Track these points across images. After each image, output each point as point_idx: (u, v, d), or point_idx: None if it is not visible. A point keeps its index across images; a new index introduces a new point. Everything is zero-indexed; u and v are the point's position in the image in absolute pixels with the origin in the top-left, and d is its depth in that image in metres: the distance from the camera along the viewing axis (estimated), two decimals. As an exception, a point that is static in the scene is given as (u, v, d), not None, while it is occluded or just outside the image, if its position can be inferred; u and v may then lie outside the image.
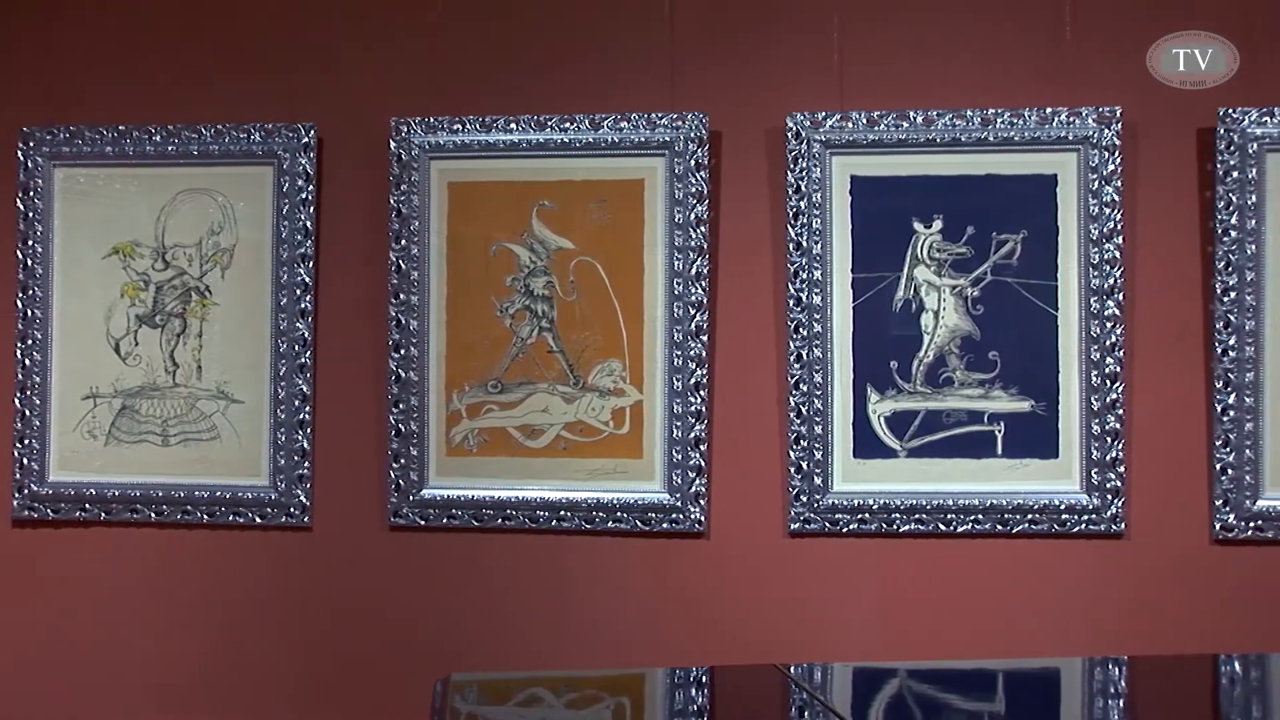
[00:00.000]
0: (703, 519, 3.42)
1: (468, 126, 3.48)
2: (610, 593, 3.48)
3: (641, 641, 3.46)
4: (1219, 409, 3.33)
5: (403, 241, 3.48)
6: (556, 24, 3.52)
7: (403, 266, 3.48)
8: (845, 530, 3.40)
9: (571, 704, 2.67)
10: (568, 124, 3.46)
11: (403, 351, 3.49)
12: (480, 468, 3.49)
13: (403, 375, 3.49)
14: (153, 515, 3.54)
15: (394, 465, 3.49)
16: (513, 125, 3.47)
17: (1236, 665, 2.87)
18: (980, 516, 3.37)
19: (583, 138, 3.45)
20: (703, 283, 3.41)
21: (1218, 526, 3.34)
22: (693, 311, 3.41)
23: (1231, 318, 3.32)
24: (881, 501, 3.39)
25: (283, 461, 3.51)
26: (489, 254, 3.49)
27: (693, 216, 3.41)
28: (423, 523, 3.50)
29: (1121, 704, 2.71)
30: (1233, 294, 3.32)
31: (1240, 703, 2.72)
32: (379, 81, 3.56)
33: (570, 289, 3.47)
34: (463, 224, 3.50)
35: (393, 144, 3.49)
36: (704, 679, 2.80)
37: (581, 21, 3.52)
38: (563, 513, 3.46)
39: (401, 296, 3.49)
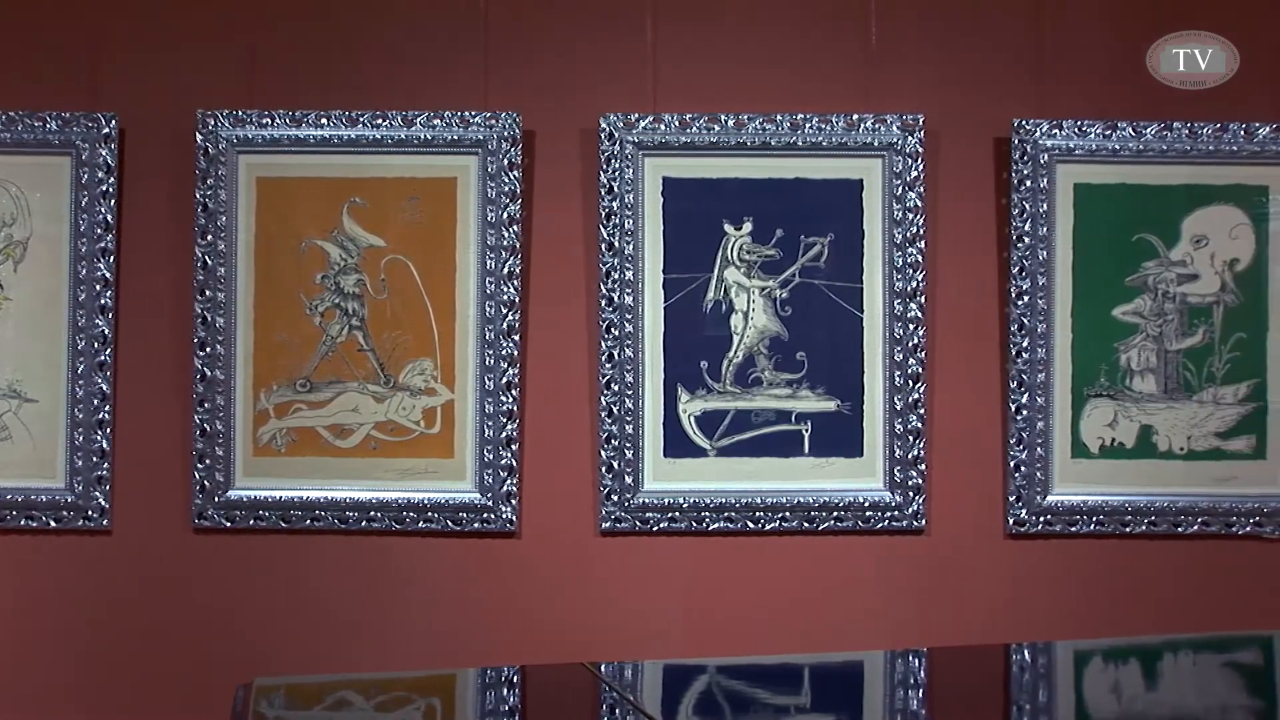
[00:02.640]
0: (514, 518, 3.42)
1: (277, 121, 3.42)
2: (422, 593, 3.46)
3: (453, 642, 3.44)
4: (1013, 408, 3.46)
5: (209, 237, 3.40)
6: (370, 19, 3.48)
7: (209, 262, 3.40)
8: (656, 529, 3.44)
9: (381, 706, 2.65)
10: (380, 120, 3.42)
11: (208, 349, 3.41)
12: (288, 468, 3.43)
13: (208, 374, 3.40)
14: (-61, 519, 3.40)
15: (199, 466, 3.41)
16: (324, 120, 3.42)
17: (1026, 654, 2.99)
18: (788, 514, 3.44)
19: (395, 135, 3.42)
20: (515, 282, 3.41)
21: (1011, 521, 3.47)
22: (505, 311, 3.41)
23: (1025, 320, 3.45)
24: (691, 500, 3.43)
25: (80, 463, 3.39)
26: (299, 251, 3.43)
27: (505, 215, 3.40)
28: (228, 524, 3.42)
29: (921, 694, 2.79)
30: (1026, 298, 3.45)
31: (1029, 688, 2.84)
32: (185, 72, 3.46)
33: (381, 287, 3.43)
34: (272, 220, 3.43)
35: (199, 137, 3.41)
36: (515, 679, 2.80)
37: (396, 18, 3.48)
38: (373, 513, 3.42)
39: (207, 293, 3.40)
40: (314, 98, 3.44)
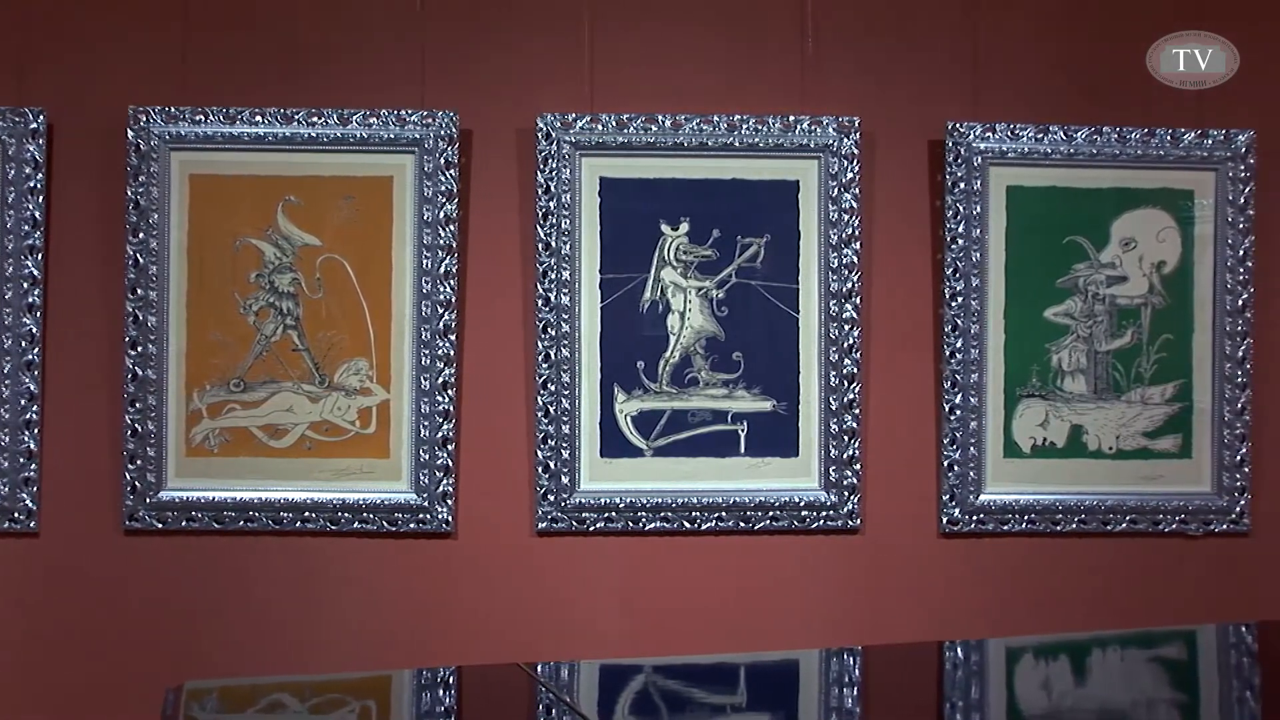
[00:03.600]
0: (450, 519, 3.41)
1: (211, 118, 3.38)
2: (357, 594, 3.43)
3: (389, 643, 3.42)
4: (946, 408, 3.49)
5: (140, 235, 3.36)
6: (306, 16, 3.45)
7: (140, 261, 3.36)
8: (592, 529, 3.44)
9: (316, 709, 2.63)
10: (316, 118, 3.39)
11: (140, 349, 3.36)
12: (222, 468, 3.39)
13: (140, 373, 3.36)
14: None
15: (129, 466, 3.36)
16: (258, 118, 3.39)
17: (960, 651, 3.03)
18: (724, 514, 3.45)
19: (331, 133, 3.39)
20: (451, 281, 3.40)
21: (945, 520, 3.51)
22: (441, 310, 3.39)
23: (958, 321, 3.49)
24: (628, 500, 3.43)
25: (6, 464, 3.34)
26: (233, 249, 3.40)
27: (442, 215, 3.39)
28: (160, 526, 3.38)
29: (856, 692, 2.81)
30: (960, 299, 3.49)
31: (962, 685, 2.87)
32: (117, 67, 3.42)
33: (317, 286, 3.41)
34: (205, 218, 3.39)
35: (130, 133, 3.36)
36: (451, 680, 2.79)
37: (333, 15, 3.46)
38: (308, 514, 3.39)
39: (139, 292, 3.36)
40: (249, 95, 3.41)
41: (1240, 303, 3.52)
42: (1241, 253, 3.52)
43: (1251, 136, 3.52)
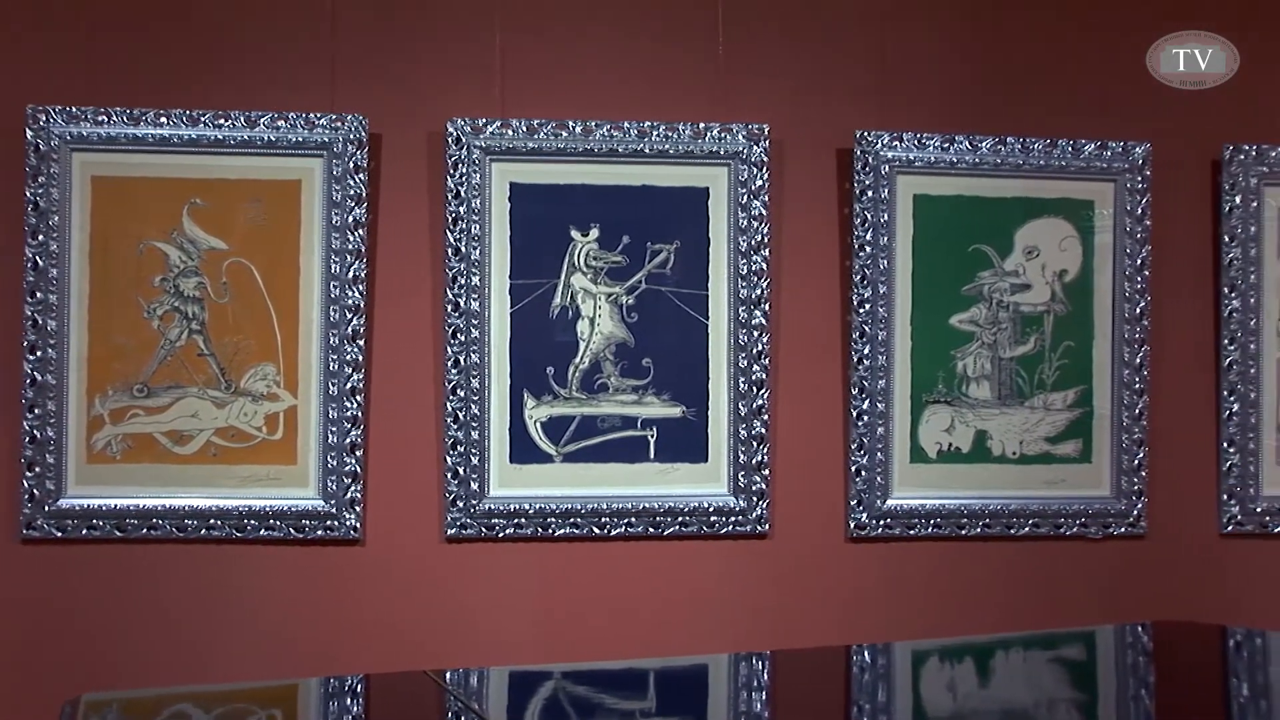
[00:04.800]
0: (358, 526, 3.38)
1: (114, 118, 3.33)
2: (264, 603, 3.39)
3: (296, 652, 3.38)
4: (854, 414, 3.53)
5: (40, 237, 3.30)
6: (214, 16, 3.41)
7: (40, 263, 3.30)
8: (501, 535, 3.43)
9: (221, 719, 2.59)
10: (222, 120, 3.35)
11: (39, 353, 3.30)
12: (124, 475, 3.34)
13: (39, 378, 3.30)
14: None
15: (28, 474, 3.30)
16: (163, 119, 3.34)
17: (867, 654, 3.06)
18: (633, 519, 3.46)
19: (238, 135, 3.35)
20: (360, 286, 3.37)
21: (852, 525, 3.54)
22: (349, 315, 3.37)
23: (866, 328, 3.53)
24: (538, 506, 3.43)
25: (-99, 471, 3.27)
26: (136, 253, 3.35)
27: (351, 219, 3.37)
28: (60, 534, 3.32)
29: (764, 696, 2.83)
30: (867, 306, 3.52)
31: (869, 688, 2.90)
32: (16, 65, 3.35)
33: (223, 290, 3.37)
34: (108, 220, 3.34)
35: (29, 133, 3.30)
36: (358, 688, 2.77)
37: (241, 16, 3.41)
38: (213, 521, 3.35)
39: (39, 295, 3.30)
40: (154, 95, 3.36)
41: (1138, 310, 3.60)
42: (1139, 262, 3.60)
43: (1148, 149, 3.60)
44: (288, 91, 3.39)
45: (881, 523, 3.54)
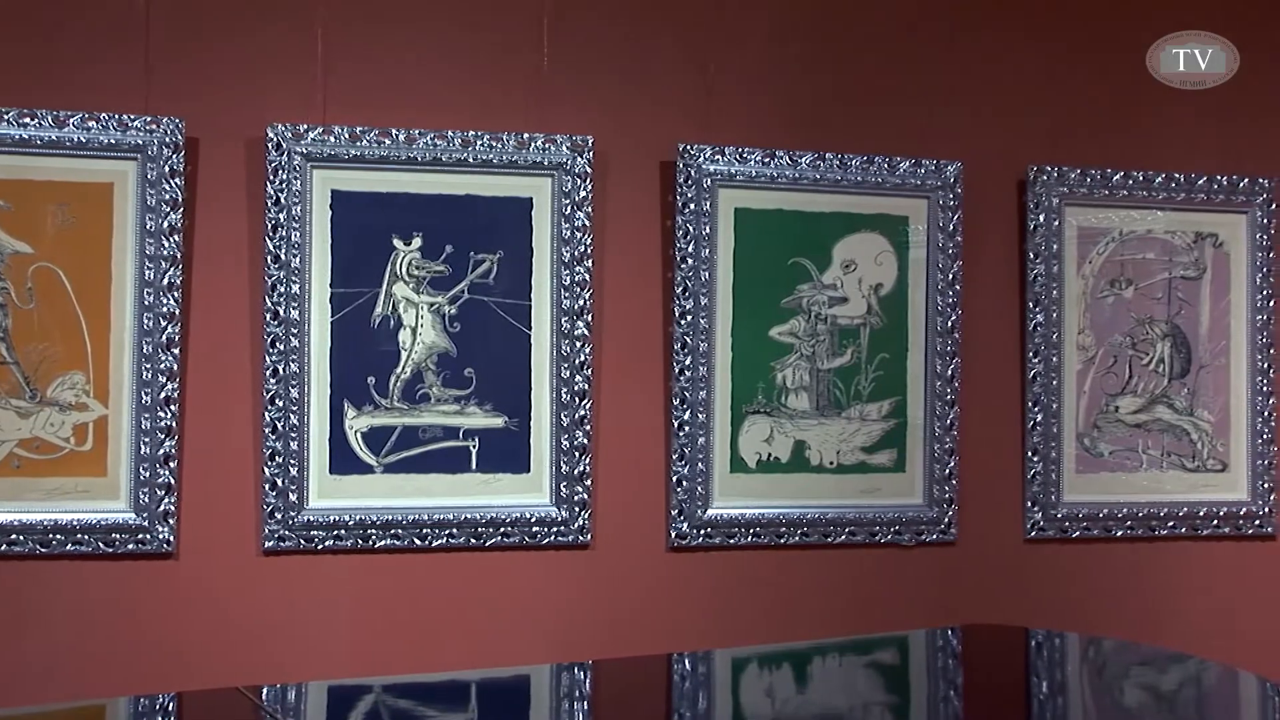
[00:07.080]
0: (171, 539, 3.30)
1: (-89, 115, 3.19)
2: (71, 620, 3.28)
3: (106, 670, 3.28)
4: (675, 424, 3.57)
5: None
6: (21, 9, 3.28)
7: None
8: (321, 547, 3.38)
9: (22, 741, 2.51)
10: (28, 119, 3.24)
11: None
12: (-80, 489, 3.20)
13: None
14: None
15: None
16: (-36, 117, 3.22)
17: (687, 662, 3.10)
18: (455, 530, 3.44)
19: (45, 135, 3.24)
20: (175, 293, 3.29)
21: (673, 534, 3.58)
22: (164, 323, 3.28)
23: (688, 339, 3.57)
24: (358, 517, 3.39)
25: None
26: (-66, 256, 3.22)
27: (166, 225, 3.28)
28: None
29: (586, 705, 2.84)
30: (689, 317, 3.57)
31: (690, 695, 2.94)
32: None
33: (28, 296, 3.25)
34: (-97, 222, 3.20)
35: None
36: (170, 706, 2.70)
37: (49, 10, 3.30)
38: (15, 536, 3.22)
39: None
40: (-46, 93, 3.23)
41: (950, 324, 3.72)
42: (950, 276, 3.72)
43: (959, 167, 3.72)
44: (100, 91, 3.29)
45: (702, 532, 3.59)
